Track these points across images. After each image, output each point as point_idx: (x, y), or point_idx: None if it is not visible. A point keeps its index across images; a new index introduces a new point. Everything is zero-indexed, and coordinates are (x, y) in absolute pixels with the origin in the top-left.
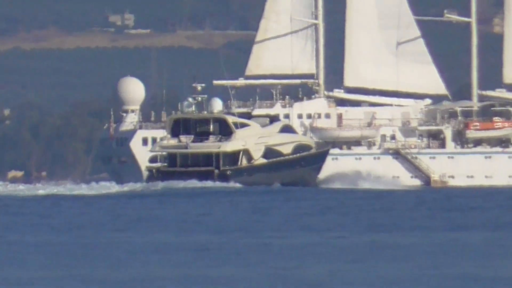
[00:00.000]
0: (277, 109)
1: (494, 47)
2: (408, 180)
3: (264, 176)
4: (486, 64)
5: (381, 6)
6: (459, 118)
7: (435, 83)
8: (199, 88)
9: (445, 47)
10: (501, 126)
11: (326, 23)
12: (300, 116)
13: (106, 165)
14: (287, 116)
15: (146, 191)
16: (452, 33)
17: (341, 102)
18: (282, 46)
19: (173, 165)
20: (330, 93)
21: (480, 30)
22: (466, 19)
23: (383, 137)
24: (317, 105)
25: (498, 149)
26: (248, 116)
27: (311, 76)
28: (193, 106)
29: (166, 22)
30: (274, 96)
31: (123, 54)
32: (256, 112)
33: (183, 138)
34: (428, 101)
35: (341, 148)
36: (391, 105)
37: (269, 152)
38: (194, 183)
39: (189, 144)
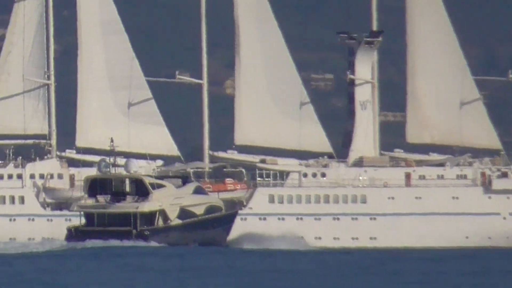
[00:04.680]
0: (10, 169)
1: (226, 108)
2: None
3: (180, 236)
4: (218, 126)
5: (112, 67)
6: (192, 179)
7: (167, 144)
8: (116, 149)
9: (177, 108)
10: (233, 188)
11: (59, 84)
12: (32, 176)
13: None
14: (20, 177)
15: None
16: (184, 94)
17: (73, 163)
18: (13, 106)
19: (91, 225)
20: (63, 154)
21: (212, 92)
22: (197, 80)
23: None
24: (50, 165)
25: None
26: (162, 177)
27: (43, 136)
28: (110, 166)
29: None
30: (7, 157)
31: None
32: None
33: (101, 198)
34: (160, 162)
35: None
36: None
37: (183, 213)
38: (115, 242)
39: (107, 204)
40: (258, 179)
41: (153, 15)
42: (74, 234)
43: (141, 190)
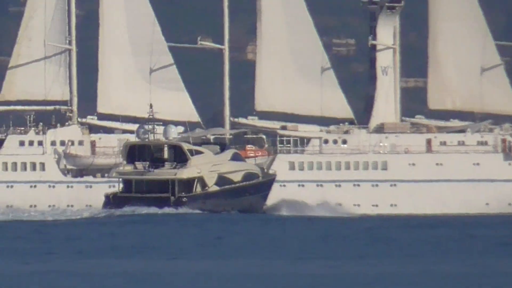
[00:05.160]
0: (31, 136)
1: (247, 74)
2: None
3: (217, 203)
4: (239, 92)
5: (134, 33)
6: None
7: (188, 110)
8: (155, 115)
9: (199, 74)
10: (254, 155)
11: (80, 49)
12: (53, 143)
13: None
14: (41, 143)
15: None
16: (206, 60)
17: (94, 129)
18: (35, 72)
19: (129, 191)
20: (84, 120)
21: (233, 57)
22: (219, 46)
23: None
24: (71, 132)
25: None
26: (200, 143)
27: (64, 102)
28: (149, 133)
29: None
30: (28, 123)
31: None
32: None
33: (139, 164)
34: (180, 128)
35: (94, 176)
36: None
37: (221, 180)
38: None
39: (145, 170)
40: (279, 145)
41: None
42: (112, 200)
43: (179, 156)
